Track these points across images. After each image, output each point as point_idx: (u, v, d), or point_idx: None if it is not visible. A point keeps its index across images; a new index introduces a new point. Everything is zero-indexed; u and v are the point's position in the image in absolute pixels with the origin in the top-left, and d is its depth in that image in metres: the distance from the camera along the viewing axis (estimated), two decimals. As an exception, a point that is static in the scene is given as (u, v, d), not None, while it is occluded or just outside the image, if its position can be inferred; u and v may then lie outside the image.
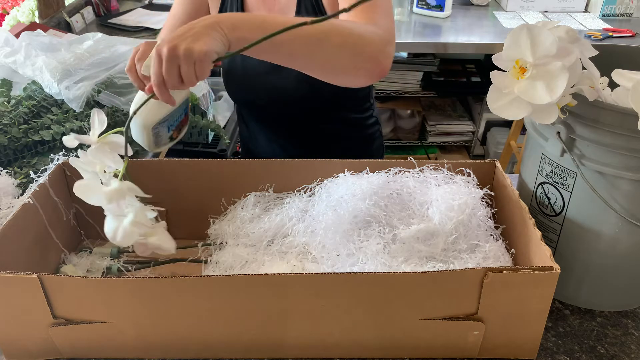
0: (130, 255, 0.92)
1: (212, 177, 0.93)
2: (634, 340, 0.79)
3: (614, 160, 0.72)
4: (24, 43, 1.36)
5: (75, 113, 1.21)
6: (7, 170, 1.04)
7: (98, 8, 2.29)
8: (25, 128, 1.16)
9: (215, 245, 0.91)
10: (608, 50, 0.81)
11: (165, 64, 0.69)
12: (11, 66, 1.34)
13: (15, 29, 1.69)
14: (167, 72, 0.69)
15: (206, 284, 0.69)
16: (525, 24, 0.68)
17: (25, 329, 0.73)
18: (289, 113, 1.17)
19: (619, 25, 2.37)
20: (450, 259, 0.77)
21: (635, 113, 0.66)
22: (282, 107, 1.15)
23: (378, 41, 0.83)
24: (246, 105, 1.25)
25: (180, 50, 0.68)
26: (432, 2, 2.45)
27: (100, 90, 1.28)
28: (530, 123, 0.84)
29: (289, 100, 1.12)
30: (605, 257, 0.80)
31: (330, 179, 0.89)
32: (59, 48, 1.39)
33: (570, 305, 0.85)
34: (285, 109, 1.16)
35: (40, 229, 0.85)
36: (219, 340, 0.75)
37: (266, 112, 1.20)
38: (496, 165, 0.89)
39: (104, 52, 1.38)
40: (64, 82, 1.24)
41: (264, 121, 1.24)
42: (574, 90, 0.72)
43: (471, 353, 0.76)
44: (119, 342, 0.74)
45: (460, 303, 0.70)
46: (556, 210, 0.82)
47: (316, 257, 0.82)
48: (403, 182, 0.86)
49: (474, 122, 2.69)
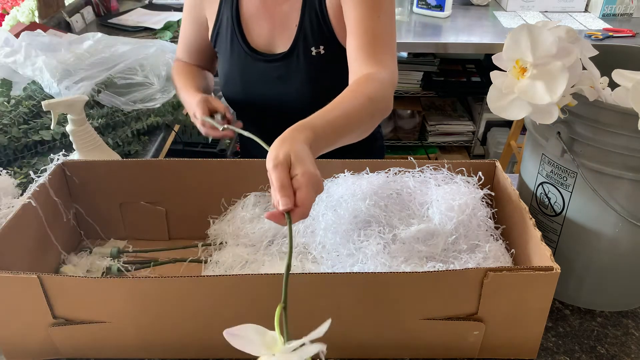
0: (130, 255, 0.93)
1: (212, 177, 0.93)
2: (634, 340, 0.79)
3: (614, 160, 0.72)
4: (24, 43, 1.37)
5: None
6: (7, 170, 1.04)
7: (98, 8, 2.29)
8: (25, 128, 1.16)
9: (215, 245, 0.91)
10: (608, 50, 0.81)
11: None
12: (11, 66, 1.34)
13: (15, 29, 1.69)
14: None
15: (206, 284, 0.69)
16: (525, 24, 0.68)
17: (25, 329, 0.73)
18: (289, 122, 1.15)
19: (619, 25, 2.37)
20: (450, 259, 0.77)
21: (635, 113, 0.66)
22: (281, 115, 1.14)
23: (389, 94, 0.89)
24: (244, 111, 1.22)
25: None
26: (432, 2, 2.45)
27: (100, 90, 1.28)
28: (530, 123, 0.84)
29: (289, 110, 1.11)
30: (606, 257, 0.80)
31: (330, 179, 0.89)
32: (59, 48, 1.39)
33: (570, 305, 0.85)
34: (285, 118, 1.14)
35: (40, 229, 0.85)
36: (219, 340, 0.75)
37: (265, 119, 1.19)
38: (496, 165, 0.89)
39: (104, 52, 1.39)
40: (64, 82, 1.25)
41: (262, 127, 1.23)
42: (574, 90, 0.72)
43: (471, 353, 0.76)
44: (119, 342, 0.74)
45: (460, 303, 0.70)
46: (556, 210, 0.82)
47: (316, 257, 0.82)
48: (403, 182, 0.86)
49: (474, 122, 2.69)
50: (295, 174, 0.62)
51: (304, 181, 0.61)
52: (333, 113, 0.76)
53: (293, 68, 1.06)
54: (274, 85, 1.08)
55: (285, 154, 0.63)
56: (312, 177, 0.61)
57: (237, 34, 1.07)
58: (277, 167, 0.62)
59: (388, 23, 0.96)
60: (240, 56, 1.09)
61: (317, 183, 0.62)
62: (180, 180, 0.93)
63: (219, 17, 1.09)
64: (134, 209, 0.95)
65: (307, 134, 0.68)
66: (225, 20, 1.08)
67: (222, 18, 1.09)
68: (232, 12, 1.07)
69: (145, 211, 0.95)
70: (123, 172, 0.92)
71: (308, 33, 1.03)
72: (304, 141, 0.66)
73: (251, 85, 1.11)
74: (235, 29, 1.07)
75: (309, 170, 0.62)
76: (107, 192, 0.93)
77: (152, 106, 1.34)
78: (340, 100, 0.80)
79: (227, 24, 1.08)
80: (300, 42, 1.03)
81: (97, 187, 0.92)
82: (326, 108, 0.76)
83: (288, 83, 1.07)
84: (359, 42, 0.93)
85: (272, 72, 1.08)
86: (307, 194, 0.61)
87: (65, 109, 0.97)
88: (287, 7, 1.04)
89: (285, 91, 1.08)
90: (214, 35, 1.12)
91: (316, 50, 1.04)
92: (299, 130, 0.68)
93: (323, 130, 0.72)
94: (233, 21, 1.07)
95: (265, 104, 1.12)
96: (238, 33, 1.07)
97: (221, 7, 1.08)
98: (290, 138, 0.66)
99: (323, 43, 1.03)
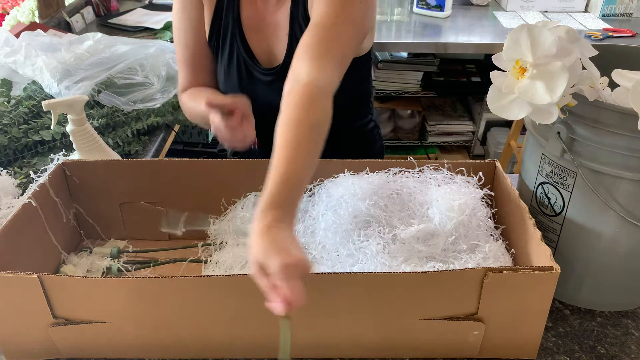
0: (130, 255, 0.93)
1: (212, 177, 0.93)
2: (634, 340, 0.79)
3: (614, 160, 0.72)
4: (24, 43, 1.37)
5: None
6: (7, 170, 1.04)
7: (98, 8, 2.29)
8: (25, 128, 1.16)
9: (215, 245, 0.91)
10: (608, 50, 0.81)
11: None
12: (11, 66, 1.34)
13: (15, 29, 1.69)
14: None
15: (206, 284, 0.69)
16: (525, 24, 0.68)
17: (25, 329, 0.73)
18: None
19: (619, 25, 2.37)
20: (450, 259, 0.77)
21: (635, 113, 0.66)
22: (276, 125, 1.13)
23: (327, 106, 0.82)
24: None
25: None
26: (432, 2, 2.45)
27: (100, 90, 1.28)
28: (530, 123, 0.84)
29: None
30: (605, 257, 0.80)
31: (330, 179, 0.89)
32: (59, 48, 1.39)
33: (570, 305, 0.85)
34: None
35: (40, 229, 0.85)
36: (219, 340, 0.75)
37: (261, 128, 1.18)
38: (496, 165, 0.89)
39: (104, 52, 1.39)
40: (64, 82, 1.25)
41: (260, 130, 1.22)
42: (574, 90, 0.72)
43: (471, 353, 0.76)
44: (119, 342, 0.74)
45: (460, 303, 0.70)
46: (556, 210, 0.82)
47: (316, 258, 0.82)
48: (403, 182, 0.86)
49: (474, 122, 2.69)
50: (269, 274, 0.62)
51: (279, 278, 0.60)
52: (282, 168, 0.72)
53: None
54: (272, 96, 1.07)
55: (254, 262, 0.63)
56: (285, 269, 0.60)
57: (238, 40, 1.06)
58: (255, 277, 0.63)
59: (348, 28, 0.91)
60: (240, 64, 1.08)
61: (293, 270, 0.61)
62: (180, 180, 0.93)
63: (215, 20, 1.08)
64: (134, 209, 0.95)
65: (273, 214, 0.66)
66: (225, 25, 1.07)
67: (220, 22, 1.07)
68: (234, 18, 1.06)
69: (145, 211, 0.95)
70: (123, 172, 0.92)
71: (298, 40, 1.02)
72: (269, 227, 0.65)
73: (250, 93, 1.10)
74: (237, 36, 1.06)
75: (279, 264, 0.60)
76: (107, 192, 0.93)
77: (152, 106, 1.34)
78: (284, 144, 0.75)
79: (227, 29, 1.07)
80: (293, 51, 1.03)
81: (97, 187, 0.92)
82: (274, 165, 0.72)
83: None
84: (310, 40, 0.89)
85: (270, 83, 1.07)
86: (288, 288, 0.60)
87: (65, 109, 0.97)
88: (280, 15, 1.03)
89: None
90: (211, 37, 1.10)
91: None
92: (261, 218, 0.66)
93: (283, 194, 0.69)
94: (234, 28, 1.06)
95: (263, 113, 1.11)
96: (239, 40, 1.06)
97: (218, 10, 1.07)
98: (254, 236, 0.64)
99: None
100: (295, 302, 0.60)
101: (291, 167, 0.72)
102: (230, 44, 1.07)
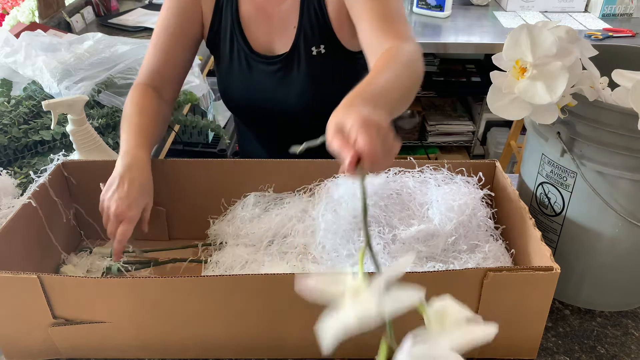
0: (130, 255, 0.92)
1: (212, 177, 0.93)
2: (634, 340, 0.79)
3: (614, 160, 0.72)
4: (24, 43, 1.37)
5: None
6: (7, 170, 1.04)
7: (98, 8, 2.29)
8: (25, 128, 1.16)
9: (215, 245, 0.91)
10: (608, 50, 0.81)
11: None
12: (11, 66, 1.34)
13: (15, 29, 1.69)
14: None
15: (206, 284, 0.69)
16: (525, 24, 0.68)
17: (25, 329, 0.73)
18: (290, 123, 1.15)
19: (619, 25, 2.37)
20: (450, 259, 0.77)
21: (635, 113, 0.66)
22: (283, 117, 1.13)
23: (420, 57, 0.85)
24: (245, 114, 1.21)
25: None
26: (432, 2, 2.45)
27: (100, 90, 1.28)
28: (530, 123, 0.84)
29: (290, 111, 1.10)
30: (606, 257, 0.80)
31: (330, 179, 0.89)
32: (59, 48, 1.39)
33: (570, 305, 0.85)
34: (286, 119, 1.14)
35: (40, 229, 0.85)
36: (219, 340, 0.75)
37: (266, 121, 1.18)
38: (496, 165, 0.89)
39: (104, 52, 1.39)
40: (64, 82, 1.25)
41: (263, 129, 1.22)
42: (574, 90, 0.72)
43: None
44: (119, 342, 0.74)
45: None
46: (556, 210, 0.82)
47: (316, 258, 0.82)
48: (403, 182, 0.86)
49: (474, 122, 2.69)
50: (347, 128, 0.58)
51: (355, 129, 0.57)
52: (378, 82, 0.71)
53: (294, 69, 1.05)
54: (275, 87, 1.08)
55: (331, 125, 0.60)
56: (364, 122, 0.57)
57: (238, 35, 1.06)
58: (334, 139, 0.59)
59: (398, 4, 0.94)
60: (240, 58, 1.08)
61: (372, 125, 0.57)
62: (180, 180, 0.93)
63: (215, 17, 1.08)
64: (134, 209, 0.95)
65: (357, 99, 0.64)
66: (224, 22, 1.07)
67: (220, 19, 1.08)
68: (232, 14, 1.05)
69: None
70: (123, 172, 0.92)
71: (308, 32, 1.02)
72: (353, 102, 0.63)
73: (252, 87, 1.10)
74: (236, 31, 1.06)
75: (359, 118, 0.57)
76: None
77: (152, 106, 1.33)
78: (377, 73, 0.74)
79: (226, 25, 1.07)
80: (300, 42, 1.03)
81: (97, 187, 0.92)
82: (367, 80, 0.71)
83: (289, 84, 1.07)
84: (372, 25, 0.91)
85: (273, 73, 1.07)
86: (365, 139, 0.55)
87: (65, 109, 0.97)
88: (286, 7, 1.03)
89: (286, 92, 1.08)
90: (211, 35, 1.10)
91: (317, 49, 1.03)
92: (344, 100, 0.65)
93: (367, 90, 0.68)
94: (233, 23, 1.06)
95: (266, 106, 1.11)
96: (238, 34, 1.06)
97: (218, 8, 1.07)
98: (341, 107, 0.62)
99: (323, 42, 1.03)
100: (370, 154, 0.55)
101: (374, 80, 0.71)
102: (230, 39, 1.07)
